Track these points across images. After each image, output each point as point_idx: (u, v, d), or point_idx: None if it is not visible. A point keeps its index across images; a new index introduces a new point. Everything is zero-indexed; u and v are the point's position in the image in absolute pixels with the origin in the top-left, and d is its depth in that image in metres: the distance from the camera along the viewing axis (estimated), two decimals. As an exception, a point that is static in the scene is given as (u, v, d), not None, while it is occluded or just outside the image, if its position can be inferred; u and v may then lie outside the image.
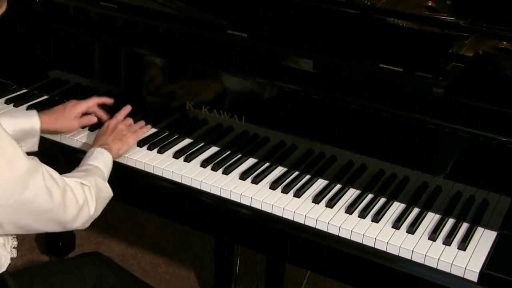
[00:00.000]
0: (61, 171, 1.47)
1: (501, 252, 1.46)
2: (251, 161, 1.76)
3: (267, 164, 1.74)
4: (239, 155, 1.77)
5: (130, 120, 1.83)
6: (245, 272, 2.53)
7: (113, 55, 1.98)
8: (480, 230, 1.53)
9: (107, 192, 1.56)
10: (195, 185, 1.67)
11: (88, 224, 1.48)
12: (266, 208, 1.59)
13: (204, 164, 1.72)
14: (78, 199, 1.41)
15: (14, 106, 1.98)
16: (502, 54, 1.77)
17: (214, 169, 1.70)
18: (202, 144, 1.81)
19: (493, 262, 1.42)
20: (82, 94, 2.00)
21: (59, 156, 1.85)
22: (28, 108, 1.96)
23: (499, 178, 1.50)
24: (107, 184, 1.57)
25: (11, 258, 1.47)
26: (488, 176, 1.52)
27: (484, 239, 1.50)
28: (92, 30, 1.98)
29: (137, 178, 1.75)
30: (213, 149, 1.80)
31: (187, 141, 1.83)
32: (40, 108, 1.95)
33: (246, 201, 1.61)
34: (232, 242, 2.30)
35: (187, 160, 1.74)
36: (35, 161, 1.34)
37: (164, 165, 1.72)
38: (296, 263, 1.82)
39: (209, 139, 1.81)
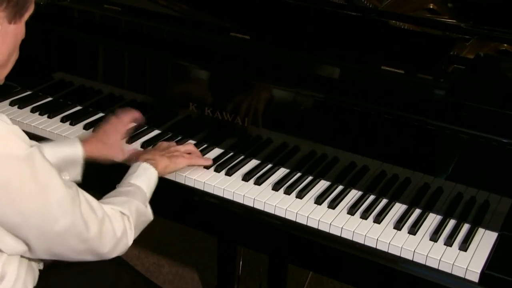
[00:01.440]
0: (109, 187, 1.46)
1: (502, 252, 1.46)
2: (253, 162, 1.76)
3: (269, 166, 1.75)
4: (242, 157, 1.78)
5: (189, 147, 1.75)
6: (248, 273, 2.54)
7: (117, 57, 1.99)
8: (481, 231, 1.53)
9: (147, 217, 1.49)
10: (198, 186, 1.68)
11: (125, 251, 1.42)
12: (269, 209, 1.60)
13: (207, 166, 1.73)
14: (117, 231, 1.35)
15: (19, 108, 2.00)
16: (503, 56, 1.77)
17: (217, 170, 1.71)
18: (205, 145, 1.82)
19: (494, 262, 1.43)
20: (86, 96, 2.02)
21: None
22: (32, 110, 1.97)
23: (500, 180, 1.51)
24: (148, 208, 1.49)
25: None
26: (489, 177, 1.53)
27: (485, 240, 1.51)
28: (96, 32, 1.99)
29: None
30: (216, 151, 1.81)
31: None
32: (45, 109, 1.98)
33: (248, 202, 1.62)
34: (233, 242, 2.30)
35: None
36: (74, 189, 1.28)
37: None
38: (299, 264, 1.82)
39: (212, 141, 1.82)
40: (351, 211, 1.57)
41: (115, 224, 1.34)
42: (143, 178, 1.53)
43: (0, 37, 1.23)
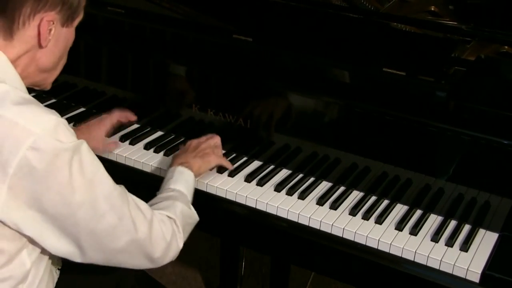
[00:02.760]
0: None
1: (503, 253, 1.47)
2: (256, 163, 1.77)
3: (272, 167, 1.75)
4: (245, 158, 1.79)
5: (216, 140, 1.74)
6: (250, 273, 2.55)
7: (120, 59, 2.00)
8: (482, 231, 1.54)
9: (193, 219, 1.50)
10: (201, 187, 1.68)
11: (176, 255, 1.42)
12: (271, 210, 1.61)
13: (210, 166, 1.74)
14: (166, 235, 1.34)
15: (23, 109, 2.00)
16: (503, 58, 1.78)
17: (220, 171, 1.72)
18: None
19: (494, 263, 1.43)
20: (90, 98, 2.03)
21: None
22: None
23: (500, 181, 1.51)
24: (192, 209, 1.50)
25: None
26: (489, 178, 1.53)
27: (486, 241, 1.51)
28: (100, 34, 2.00)
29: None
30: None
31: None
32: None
33: (251, 203, 1.63)
34: (236, 243, 2.31)
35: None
36: (121, 187, 1.29)
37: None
38: (301, 264, 1.83)
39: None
40: (353, 212, 1.58)
41: (164, 228, 1.34)
42: (182, 182, 1.54)
43: (53, 39, 1.25)
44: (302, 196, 1.63)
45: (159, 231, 1.32)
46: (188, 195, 1.53)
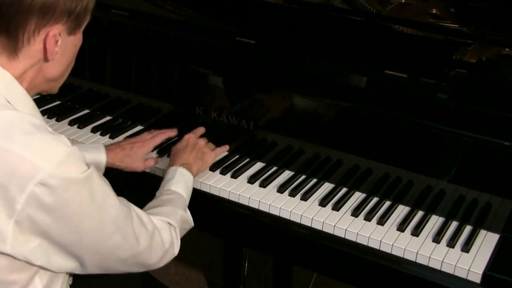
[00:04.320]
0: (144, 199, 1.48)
1: (504, 254, 1.48)
2: (259, 165, 1.78)
3: (274, 168, 1.76)
4: (247, 159, 1.79)
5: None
6: (253, 274, 2.56)
7: (124, 61, 2.01)
8: (483, 232, 1.54)
9: (189, 224, 1.51)
10: (204, 188, 1.69)
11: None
12: (273, 211, 1.62)
13: (213, 168, 1.75)
14: (165, 242, 1.35)
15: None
16: (504, 61, 1.78)
17: (223, 173, 1.73)
18: (211, 148, 1.84)
19: (495, 263, 1.44)
20: (94, 99, 2.04)
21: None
22: (41, 113, 1.99)
23: (501, 182, 1.52)
24: (188, 213, 1.51)
25: None
26: (490, 180, 1.54)
27: (486, 242, 1.52)
28: (104, 36, 2.01)
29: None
30: (222, 154, 1.81)
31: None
32: (53, 112, 2.01)
33: (254, 204, 1.64)
34: (239, 243, 2.31)
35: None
36: (126, 205, 1.28)
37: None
38: (303, 265, 1.83)
39: (217, 144, 1.81)
40: (355, 213, 1.59)
41: (163, 235, 1.35)
42: (182, 185, 1.55)
43: (61, 50, 1.21)
44: (304, 197, 1.64)
45: (158, 241, 1.34)
46: (187, 198, 1.55)
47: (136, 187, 1.79)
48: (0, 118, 1.12)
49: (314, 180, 1.72)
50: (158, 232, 1.34)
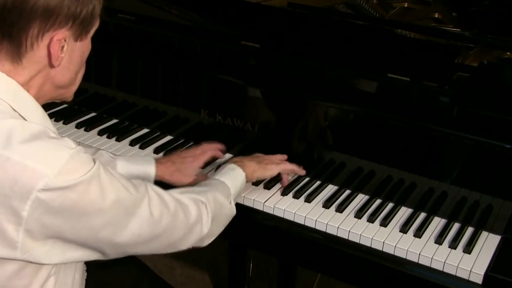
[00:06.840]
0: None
1: (505, 255, 1.48)
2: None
3: (278, 171, 1.77)
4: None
5: (281, 157, 1.72)
6: (258, 275, 2.56)
7: (130, 65, 2.02)
8: (484, 234, 1.55)
9: (229, 210, 1.46)
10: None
11: (206, 243, 1.40)
12: (278, 213, 1.63)
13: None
14: (190, 218, 1.31)
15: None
16: (506, 64, 1.79)
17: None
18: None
19: (497, 265, 1.45)
20: (100, 102, 2.06)
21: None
22: (50, 117, 2.00)
23: (503, 184, 1.53)
24: (231, 202, 1.47)
25: None
26: (492, 182, 1.55)
27: (488, 243, 1.52)
28: (110, 40, 2.02)
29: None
30: (227, 156, 1.82)
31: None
32: (60, 115, 2.02)
33: (258, 206, 1.65)
34: (244, 245, 2.32)
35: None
36: (142, 189, 1.24)
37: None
38: (307, 266, 1.83)
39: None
40: (358, 214, 1.60)
41: (190, 211, 1.32)
42: (228, 176, 1.52)
43: (67, 56, 1.18)
44: (308, 199, 1.65)
45: (182, 217, 1.30)
46: (232, 188, 1.49)
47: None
48: (1, 127, 1.10)
49: (318, 182, 1.73)
50: (182, 210, 1.30)
